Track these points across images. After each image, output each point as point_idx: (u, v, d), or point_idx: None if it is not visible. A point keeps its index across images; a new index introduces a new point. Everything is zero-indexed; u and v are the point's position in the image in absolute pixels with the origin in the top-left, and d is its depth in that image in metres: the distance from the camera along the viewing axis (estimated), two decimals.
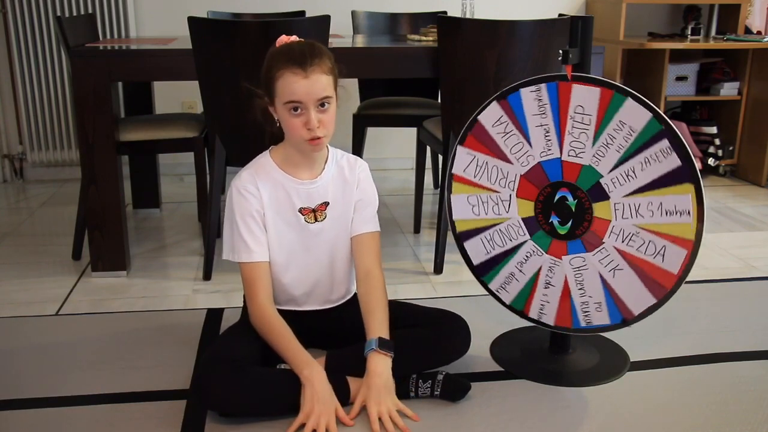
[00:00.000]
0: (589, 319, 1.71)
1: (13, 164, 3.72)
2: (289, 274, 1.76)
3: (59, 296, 2.29)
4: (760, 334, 2.01)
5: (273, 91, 1.62)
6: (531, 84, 1.67)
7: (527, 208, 1.73)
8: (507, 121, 1.72)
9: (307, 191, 1.73)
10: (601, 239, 1.65)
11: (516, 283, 1.78)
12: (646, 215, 1.60)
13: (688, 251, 1.56)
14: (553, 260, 1.71)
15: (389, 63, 2.45)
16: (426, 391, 1.66)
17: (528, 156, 1.71)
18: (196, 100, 3.47)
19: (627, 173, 1.61)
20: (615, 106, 1.59)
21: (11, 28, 3.44)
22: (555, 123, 1.67)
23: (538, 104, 1.68)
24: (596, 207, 1.65)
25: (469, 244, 1.82)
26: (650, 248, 1.61)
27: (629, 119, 1.58)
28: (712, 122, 3.77)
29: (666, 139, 1.55)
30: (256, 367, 1.60)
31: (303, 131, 1.61)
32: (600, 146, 1.63)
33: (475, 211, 1.79)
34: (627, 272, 1.64)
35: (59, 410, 1.63)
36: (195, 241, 2.80)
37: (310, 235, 1.74)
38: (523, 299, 1.78)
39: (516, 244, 1.76)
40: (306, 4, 3.40)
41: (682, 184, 1.55)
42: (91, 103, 2.28)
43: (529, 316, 1.79)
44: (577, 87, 1.62)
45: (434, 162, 3.52)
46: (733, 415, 1.61)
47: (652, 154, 1.57)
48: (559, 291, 1.72)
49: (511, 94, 1.71)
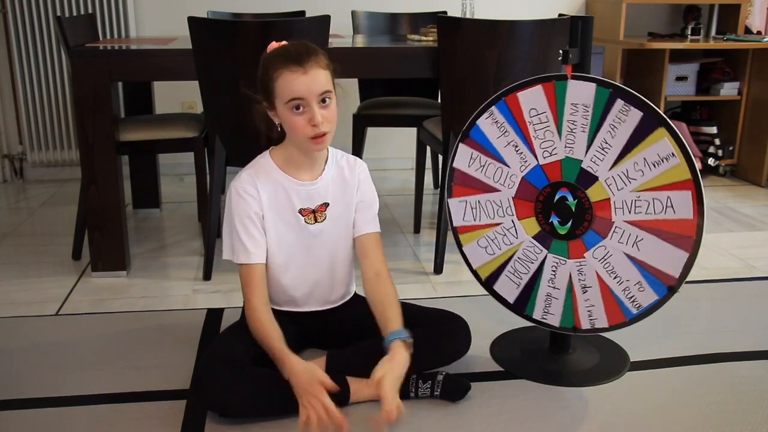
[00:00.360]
0: (639, 303, 1.65)
1: (13, 164, 3.72)
2: (288, 275, 1.76)
3: (59, 296, 2.29)
4: (760, 334, 2.01)
5: (272, 93, 1.62)
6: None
7: (532, 225, 1.73)
8: (479, 155, 1.76)
9: (307, 192, 1.73)
10: (610, 220, 1.63)
11: (556, 302, 1.74)
12: (638, 177, 1.59)
13: (691, 191, 1.54)
14: (578, 262, 1.69)
15: (389, 63, 2.45)
16: (426, 391, 1.66)
17: (511, 177, 1.73)
18: (196, 100, 3.47)
19: (602, 147, 1.61)
20: (561, 93, 1.64)
21: (11, 28, 3.44)
22: (519, 135, 1.71)
23: (497, 126, 1.73)
24: (591, 192, 1.65)
25: (498, 286, 1.81)
26: (657, 206, 1.58)
27: (579, 98, 1.62)
28: (712, 122, 3.77)
29: (619, 99, 1.58)
30: (256, 368, 1.60)
31: (307, 129, 1.60)
32: (567, 135, 1.65)
33: (489, 251, 1.79)
34: (649, 239, 1.61)
35: (59, 410, 1.63)
36: (195, 241, 2.80)
37: (310, 236, 1.74)
38: (569, 315, 1.73)
39: (538, 264, 1.74)
40: (306, 4, 3.40)
41: (653, 132, 1.56)
42: (91, 103, 2.28)
43: (582, 329, 1.73)
44: (522, 94, 1.69)
45: (434, 162, 3.52)
46: (733, 415, 1.61)
47: (613, 118, 1.59)
48: (598, 289, 1.69)
49: (470, 130, 1.75)
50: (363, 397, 1.64)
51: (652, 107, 1.55)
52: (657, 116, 1.55)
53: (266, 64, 1.63)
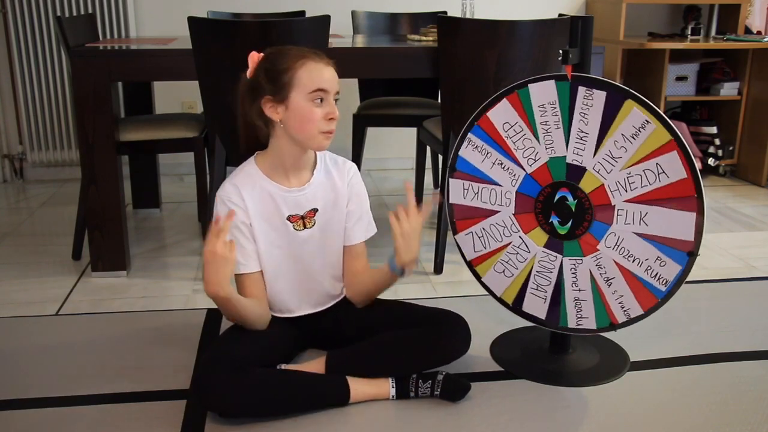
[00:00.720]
0: (665, 278, 1.61)
1: (13, 164, 3.72)
2: (279, 282, 1.75)
3: (59, 296, 2.29)
4: (760, 334, 2.01)
5: (290, 83, 1.59)
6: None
7: (539, 235, 1.73)
8: (470, 184, 1.79)
9: (294, 199, 1.71)
10: (610, 204, 1.63)
11: (585, 304, 1.71)
12: (622, 154, 1.59)
13: (676, 151, 1.53)
14: (594, 256, 1.68)
15: (389, 63, 2.45)
16: (426, 391, 1.66)
17: (506, 195, 1.74)
18: (196, 100, 3.47)
19: (580, 137, 1.63)
20: (526, 100, 1.67)
21: (11, 28, 3.44)
22: (501, 152, 1.73)
23: (478, 151, 1.76)
24: (583, 184, 1.65)
25: (527, 306, 1.78)
26: (650, 176, 1.57)
27: (543, 98, 1.65)
28: (712, 122, 3.77)
29: (580, 86, 1.60)
30: (257, 368, 1.59)
31: (322, 122, 1.60)
32: (544, 137, 1.67)
33: (507, 273, 1.78)
34: (653, 211, 1.59)
35: (59, 410, 1.63)
36: (195, 241, 2.80)
37: (300, 242, 1.73)
38: (603, 314, 1.70)
39: (557, 272, 1.72)
40: (306, 4, 3.40)
41: (622, 106, 1.57)
42: (91, 103, 2.28)
43: (619, 324, 1.69)
44: (491, 113, 1.73)
45: (434, 162, 3.52)
46: (733, 415, 1.61)
47: (581, 106, 1.61)
48: (621, 278, 1.65)
49: (456, 163, 1.80)
50: (363, 396, 1.64)
51: (613, 83, 1.57)
52: (620, 90, 1.56)
53: (278, 56, 1.61)
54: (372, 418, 1.59)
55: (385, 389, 1.65)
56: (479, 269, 1.83)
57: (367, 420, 1.58)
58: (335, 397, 1.63)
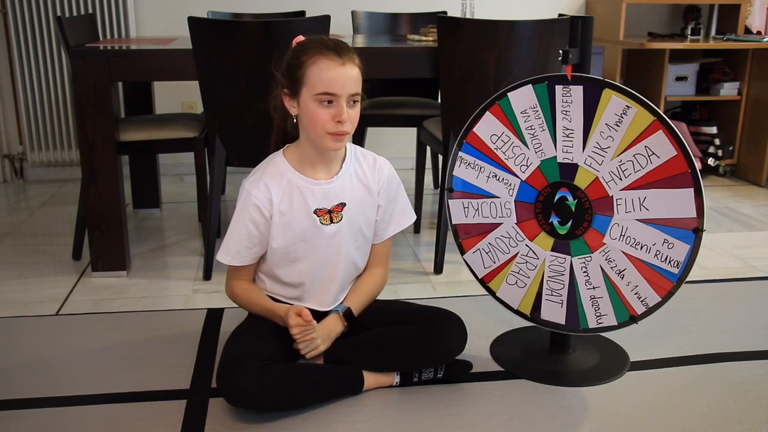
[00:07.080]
0: (675, 260, 1.59)
1: (13, 164, 3.72)
2: (295, 274, 1.73)
3: (59, 296, 2.29)
4: (760, 334, 2.01)
5: (300, 80, 1.57)
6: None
7: (544, 240, 1.72)
8: (469, 202, 1.80)
9: (323, 192, 1.68)
10: (608, 196, 1.63)
11: (602, 301, 1.69)
12: (610, 143, 1.60)
13: (662, 130, 1.53)
14: (602, 251, 1.66)
15: (389, 63, 2.44)
16: (429, 374, 1.71)
17: (506, 205, 1.75)
18: (196, 100, 3.47)
19: (567, 135, 1.64)
20: (508, 109, 1.70)
21: (11, 28, 3.44)
22: (493, 165, 1.75)
23: (471, 167, 1.78)
24: (578, 181, 1.65)
25: (545, 314, 1.77)
26: (641, 160, 1.57)
27: (524, 104, 1.67)
28: (712, 122, 3.77)
29: (557, 86, 1.62)
30: (280, 364, 1.60)
31: (329, 123, 1.56)
32: (533, 142, 1.68)
33: (520, 284, 1.78)
34: (651, 194, 1.58)
35: (59, 410, 1.63)
36: (195, 241, 2.80)
37: (325, 237, 1.70)
38: (621, 308, 1.67)
39: (569, 273, 1.71)
40: (306, 4, 3.40)
41: (601, 97, 1.58)
42: (91, 103, 2.28)
43: (639, 315, 1.66)
44: (476, 128, 1.75)
45: (434, 162, 3.52)
46: (733, 415, 1.61)
47: (561, 105, 1.63)
48: (633, 267, 1.64)
49: (453, 182, 1.81)
50: (373, 384, 1.70)
51: (588, 76, 1.59)
52: (597, 82, 1.58)
53: (299, 49, 1.59)
54: (372, 418, 1.59)
55: (390, 376, 1.71)
56: (492, 285, 1.82)
57: (368, 420, 1.58)
58: (351, 388, 1.68)
